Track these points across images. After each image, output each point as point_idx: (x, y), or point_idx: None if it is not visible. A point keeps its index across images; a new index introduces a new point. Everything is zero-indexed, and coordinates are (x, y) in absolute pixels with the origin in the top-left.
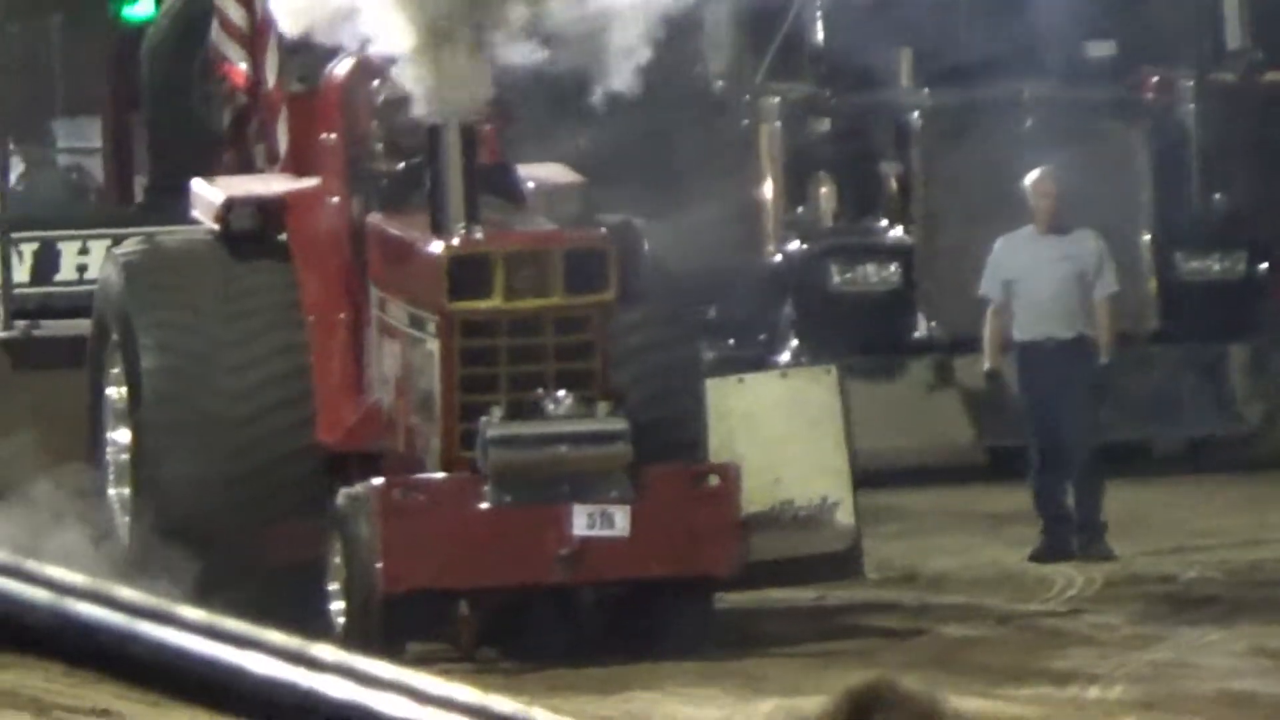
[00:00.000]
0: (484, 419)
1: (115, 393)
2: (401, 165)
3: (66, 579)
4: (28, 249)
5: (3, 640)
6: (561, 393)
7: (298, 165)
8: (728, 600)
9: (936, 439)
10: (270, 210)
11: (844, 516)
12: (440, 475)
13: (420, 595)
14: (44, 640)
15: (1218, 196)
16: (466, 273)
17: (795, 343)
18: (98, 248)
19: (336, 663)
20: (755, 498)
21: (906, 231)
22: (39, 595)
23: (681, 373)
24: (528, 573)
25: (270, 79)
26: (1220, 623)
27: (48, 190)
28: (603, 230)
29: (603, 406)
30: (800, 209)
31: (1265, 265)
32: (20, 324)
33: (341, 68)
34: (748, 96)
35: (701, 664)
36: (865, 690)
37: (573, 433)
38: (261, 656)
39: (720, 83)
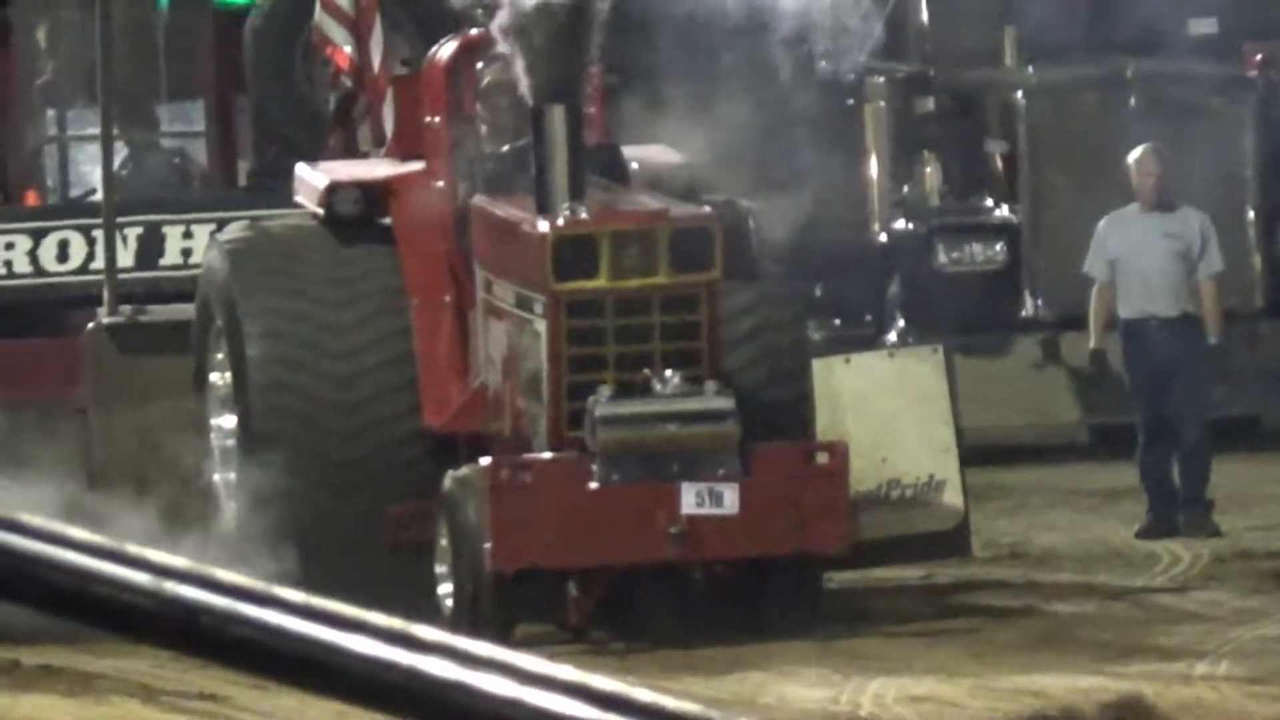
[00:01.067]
0: (592, 398)
1: (219, 378)
2: (506, 148)
3: (167, 561)
4: (132, 233)
5: (107, 624)
6: (669, 372)
7: (403, 149)
8: (836, 580)
9: (1043, 416)
10: (374, 194)
11: (952, 495)
12: (548, 454)
13: (529, 575)
14: (147, 624)
15: None
16: (572, 253)
17: (901, 322)
18: (202, 232)
19: (437, 642)
20: (862, 477)
21: (1012, 210)
22: (140, 579)
23: (790, 353)
24: (636, 551)
25: (375, 62)
26: None
27: (152, 174)
28: (708, 209)
29: (711, 385)
30: (906, 188)
31: None
32: (126, 309)
33: (445, 50)
34: (853, 75)
35: (811, 644)
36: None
37: (681, 411)
38: (363, 637)
39: (825, 62)
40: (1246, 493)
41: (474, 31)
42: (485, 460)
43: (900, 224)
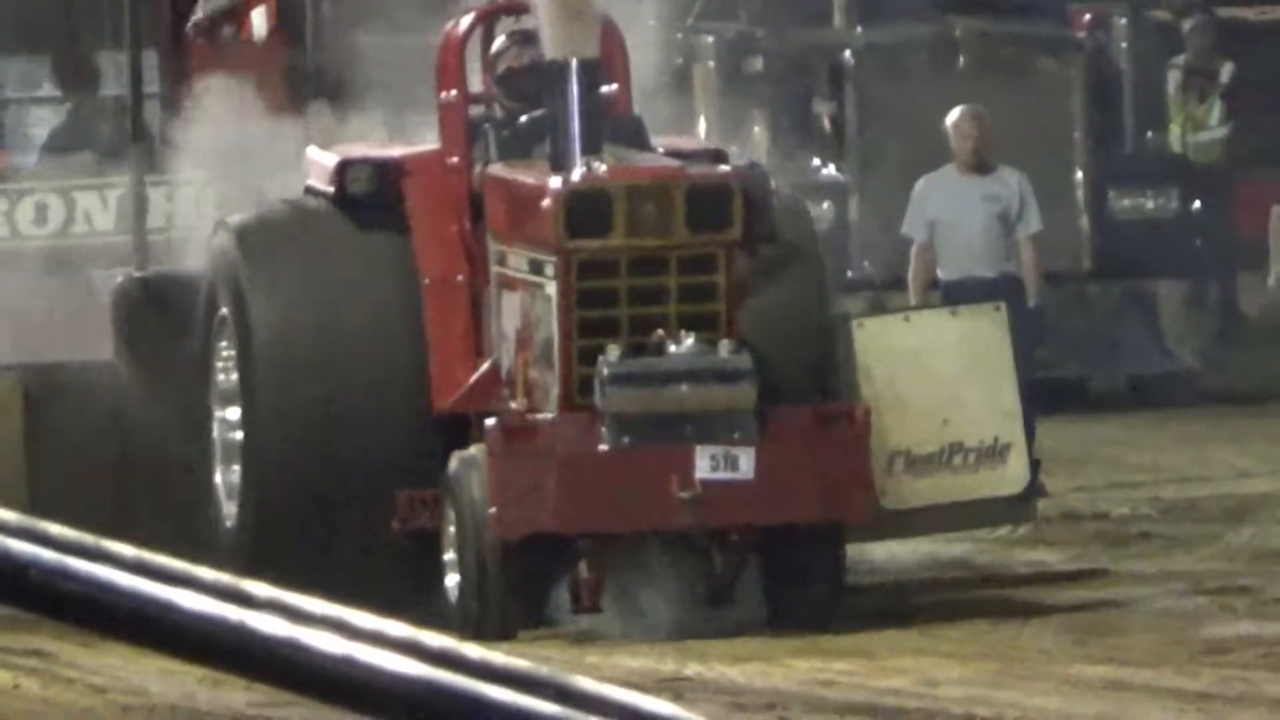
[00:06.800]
0: (602, 358)
1: (222, 369)
2: (525, 118)
3: None
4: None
5: None
6: (684, 332)
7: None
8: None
9: None
10: (387, 173)
11: (1016, 459)
12: (555, 415)
13: (535, 547)
14: None
15: (1150, 134)
16: (585, 209)
17: None
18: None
19: (268, 599)
20: (923, 440)
21: (840, 171)
22: None
23: (811, 316)
24: (648, 517)
25: None
26: (1155, 560)
27: (92, 134)
28: (727, 168)
29: (726, 344)
30: (734, 148)
31: (1199, 202)
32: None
33: (461, 25)
34: (681, 35)
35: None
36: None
37: (694, 370)
38: (193, 593)
39: (654, 21)
40: (1073, 454)
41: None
42: (490, 420)
43: None
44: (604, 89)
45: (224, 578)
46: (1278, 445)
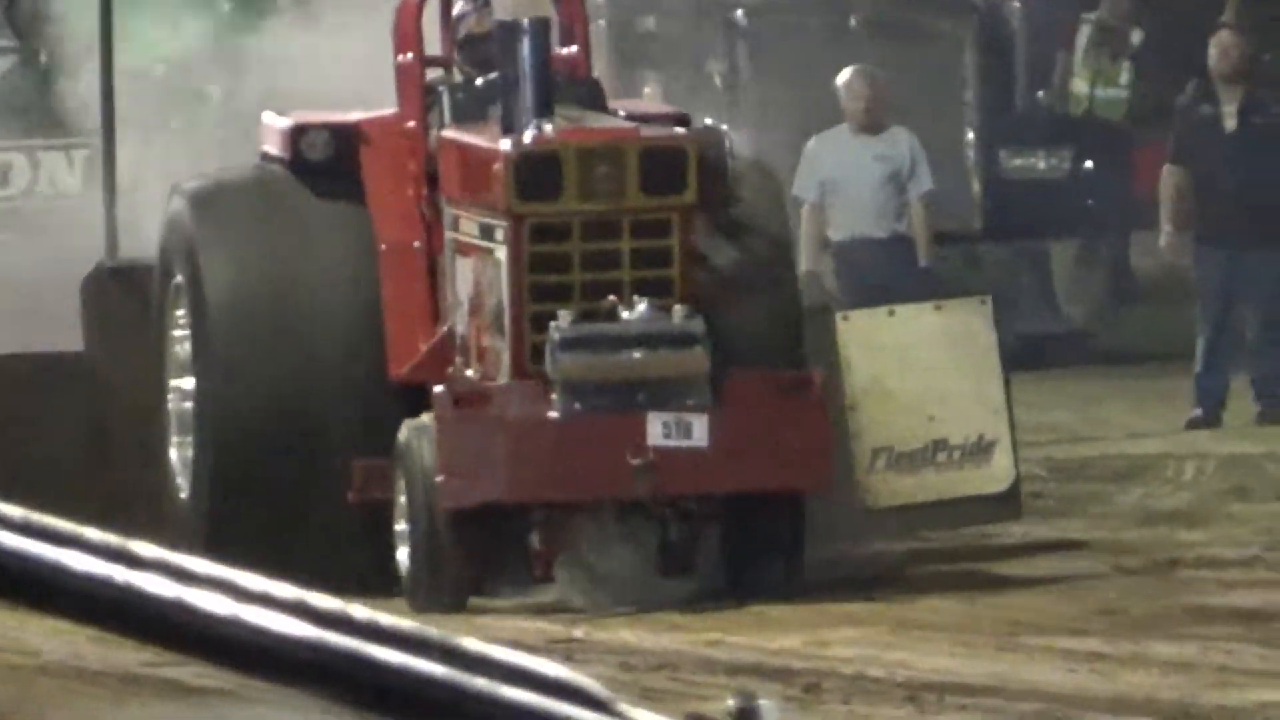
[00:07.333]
0: (553, 323)
1: (178, 337)
2: (480, 80)
3: None
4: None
5: None
6: (637, 298)
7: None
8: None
9: None
10: (344, 138)
11: (1002, 456)
12: (504, 382)
13: (486, 517)
14: None
15: (1042, 94)
16: (536, 171)
17: None
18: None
19: (156, 559)
20: (909, 436)
21: (732, 130)
22: None
23: (774, 282)
24: (599, 486)
25: None
26: (1047, 521)
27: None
28: (682, 130)
29: (679, 309)
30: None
31: (1091, 162)
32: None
33: None
34: None
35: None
36: None
37: (646, 334)
38: (79, 553)
39: None
40: None
41: None
42: (438, 388)
43: None
44: (563, 51)
45: (111, 538)
46: (1169, 405)
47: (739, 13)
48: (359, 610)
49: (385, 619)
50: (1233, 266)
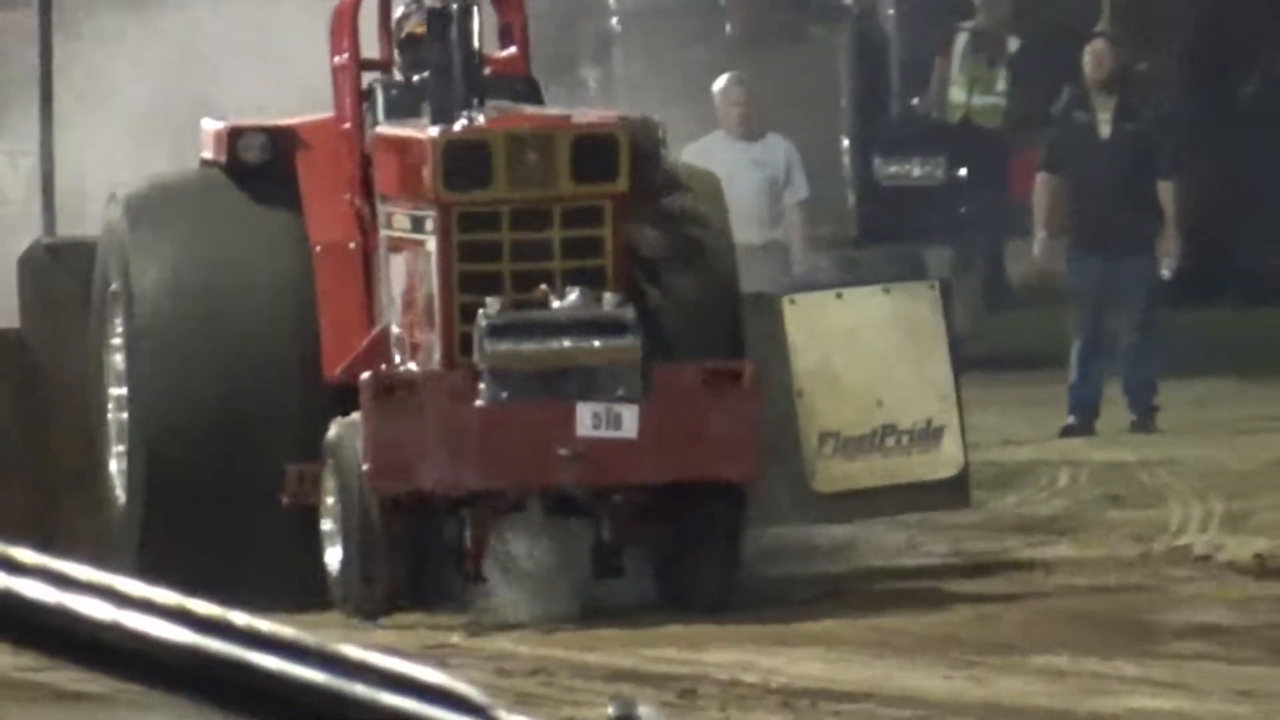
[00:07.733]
0: (481, 310)
1: (117, 346)
2: (415, 78)
3: None
4: None
5: None
6: (568, 288)
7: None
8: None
9: None
10: (280, 140)
11: (950, 442)
12: (432, 370)
13: (414, 506)
14: None
15: (918, 101)
16: (464, 159)
17: None
18: None
19: (35, 564)
20: (856, 421)
21: None
22: None
23: (712, 272)
24: (528, 475)
25: None
26: (920, 527)
27: None
28: (613, 117)
29: (610, 297)
30: None
31: (964, 170)
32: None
33: None
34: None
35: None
36: None
37: (576, 321)
38: None
39: None
40: None
41: None
42: (365, 375)
43: None
44: (503, 54)
45: None
46: (1044, 411)
47: (614, 20)
48: (239, 616)
49: (264, 626)
50: (1107, 273)
